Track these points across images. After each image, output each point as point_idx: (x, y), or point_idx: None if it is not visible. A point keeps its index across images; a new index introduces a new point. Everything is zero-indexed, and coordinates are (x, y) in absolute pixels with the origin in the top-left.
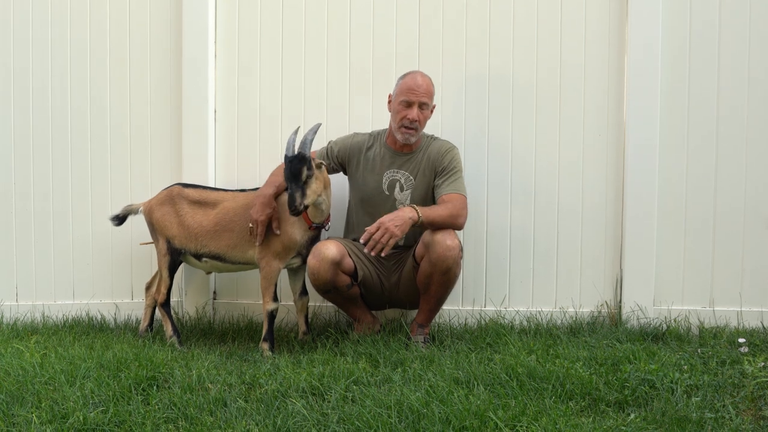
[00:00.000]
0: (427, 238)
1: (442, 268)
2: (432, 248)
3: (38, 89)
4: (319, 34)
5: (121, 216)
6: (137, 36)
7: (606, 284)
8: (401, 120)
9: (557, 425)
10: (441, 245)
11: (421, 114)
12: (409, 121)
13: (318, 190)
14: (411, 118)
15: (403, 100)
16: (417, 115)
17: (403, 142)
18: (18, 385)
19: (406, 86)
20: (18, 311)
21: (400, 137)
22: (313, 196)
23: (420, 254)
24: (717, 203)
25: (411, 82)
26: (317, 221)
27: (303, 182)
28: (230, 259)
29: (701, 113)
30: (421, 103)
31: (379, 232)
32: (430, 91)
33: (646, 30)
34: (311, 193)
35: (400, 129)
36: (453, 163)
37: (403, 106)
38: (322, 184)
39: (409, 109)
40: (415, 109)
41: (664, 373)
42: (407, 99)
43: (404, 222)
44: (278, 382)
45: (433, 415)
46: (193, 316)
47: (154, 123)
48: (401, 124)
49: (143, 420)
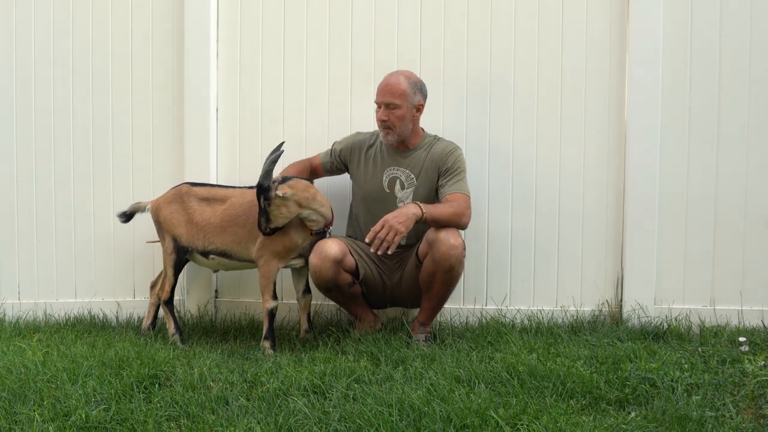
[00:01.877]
0: (430, 236)
1: (445, 267)
2: (435, 246)
3: (40, 88)
4: (320, 33)
5: (129, 213)
6: (139, 34)
7: (607, 283)
8: (377, 121)
9: (558, 424)
10: (444, 243)
11: (391, 113)
12: (381, 122)
13: (286, 214)
14: (378, 118)
15: (376, 102)
16: (384, 115)
17: (387, 142)
18: (20, 383)
19: (378, 89)
20: (20, 309)
21: (382, 137)
22: (280, 219)
23: (423, 252)
24: (717, 202)
25: (381, 83)
26: (316, 228)
27: (264, 210)
28: (236, 255)
29: (702, 113)
30: (387, 103)
31: (383, 230)
32: (396, 90)
33: (647, 31)
34: (275, 218)
35: (381, 130)
36: (457, 163)
37: (376, 108)
38: (289, 208)
39: (379, 109)
40: (381, 109)
41: (665, 371)
42: (377, 101)
43: (408, 218)
44: (280, 380)
45: (434, 413)
46: (195, 314)
47: (156, 121)
48: (379, 125)
49: (145, 418)
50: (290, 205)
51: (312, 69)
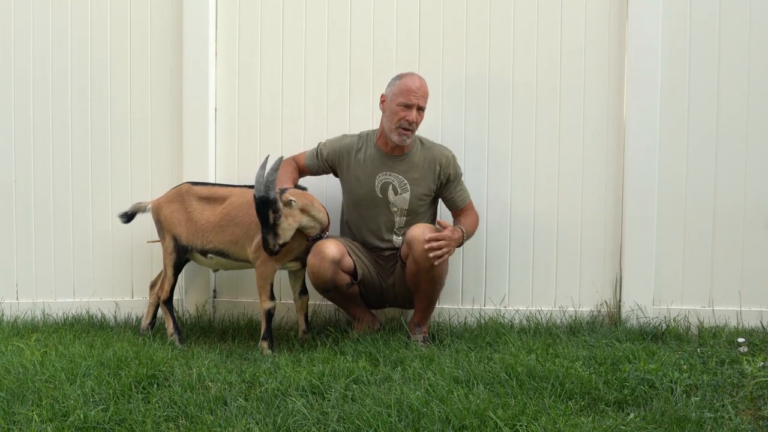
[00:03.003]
0: (408, 236)
1: (426, 266)
2: (413, 246)
3: (38, 87)
4: (319, 33)
5: (130, 213)
6: (138, 33)
7: (605, 283)
8: (399, 121)
9: (557, 424)
10: (421, 241)
11: (419, 116)
12: (408, 123)
13: (293, 224)
14: (410, 120)
15: (402, 102)
16: (416, 117)
17: (399, 143)
18: (18, 383)
19: (405, 87)
20: (18, 309)
21: (396, 138)
22: (288, 232)
23: (405, 254)
24: (716, 203)
25: (410, 83)
26: (314, 234)
27: (273, 224)
28: (233, 255)
29: (701, 113)
30: (420, 106)
31: (443, 242)
32: (426, 93)
33: (646, 30)
34: (283, 231)
35: (397, 130)
36: (459, 170)
37: (401, 108)
38: (296, 217)
39: (408, 111)
40: (414, 111)
41: (664, 372)
42: (407, 101)
43: (458, 242)
44: (278, 380)
45: (432, 414)
46: (193, 314)
47: (154, 120)
48: (399, 125)
49: (143, 418)
50: (296, 214)
51: (311, 68)
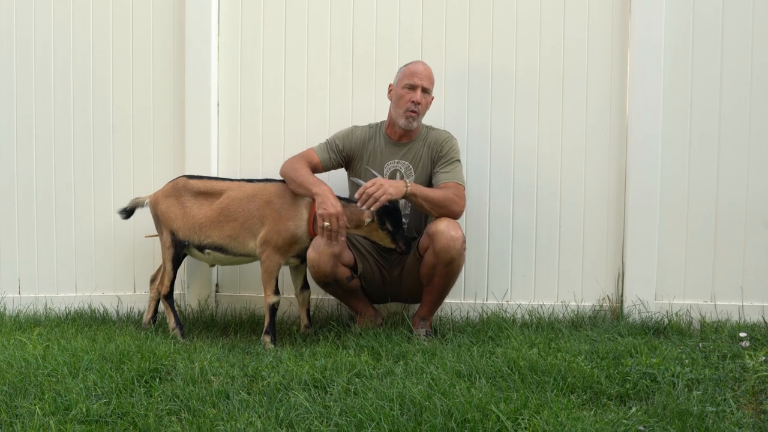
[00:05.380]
0: (431, 229)
1: (446, 259)
2: (436, 238)
3: (40, 84)
4: (321, 26)
5: (129, 209)
6: (140, 29)
7: (608, 278)
8: (405, 104)
9: (559, 418)
10: (445, 235)
11: (424, 98)
12: (414, 104)
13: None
14: (415, 100)
15: (407, 84)
16: (420, 97)
17: (406, 127)
18: (21, 377)
19: (409, 71)
20: (21, 303)
21: (403, 122)
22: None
23: (424, 246)
24: (719, 197)
25: (414, 67)
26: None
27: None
28: (231, 250)
29: (704, 108)
30: (424, 87)
31: (374, 186)
32: (431, 77)
33: (649, 24)
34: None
35: (404, 114)
36: (451, 152)
37: (407, 90)
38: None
39: (413, 91)
40: (418, 91)
41: (666, 367)
42: (411, 83)
43: (398, 187)
44: (281, 374)
45: (435, 407)
46: (195, 308)
47: (157, 116)
48: (406, 108)
49: (146, 412)
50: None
51: (313, 63)
